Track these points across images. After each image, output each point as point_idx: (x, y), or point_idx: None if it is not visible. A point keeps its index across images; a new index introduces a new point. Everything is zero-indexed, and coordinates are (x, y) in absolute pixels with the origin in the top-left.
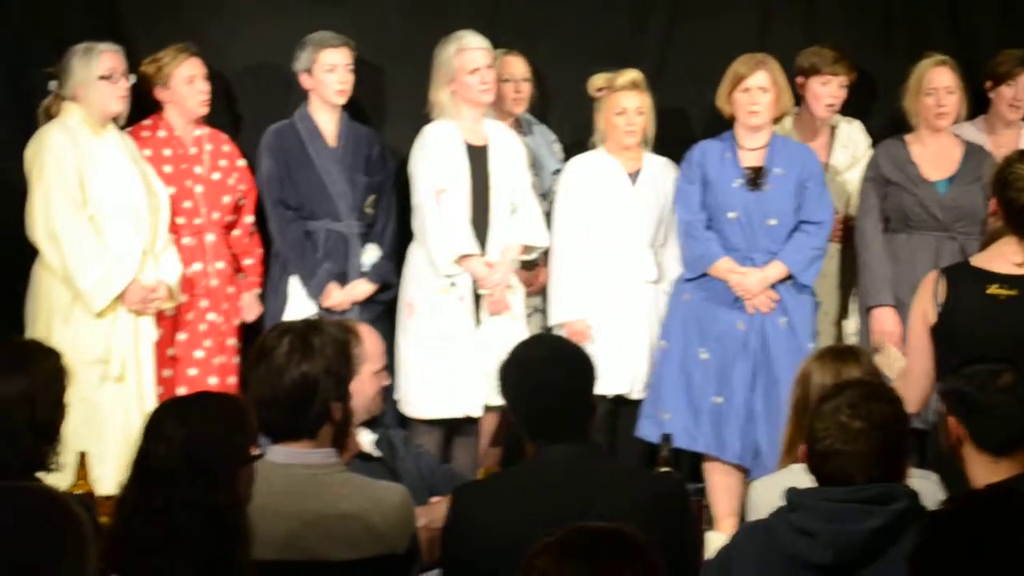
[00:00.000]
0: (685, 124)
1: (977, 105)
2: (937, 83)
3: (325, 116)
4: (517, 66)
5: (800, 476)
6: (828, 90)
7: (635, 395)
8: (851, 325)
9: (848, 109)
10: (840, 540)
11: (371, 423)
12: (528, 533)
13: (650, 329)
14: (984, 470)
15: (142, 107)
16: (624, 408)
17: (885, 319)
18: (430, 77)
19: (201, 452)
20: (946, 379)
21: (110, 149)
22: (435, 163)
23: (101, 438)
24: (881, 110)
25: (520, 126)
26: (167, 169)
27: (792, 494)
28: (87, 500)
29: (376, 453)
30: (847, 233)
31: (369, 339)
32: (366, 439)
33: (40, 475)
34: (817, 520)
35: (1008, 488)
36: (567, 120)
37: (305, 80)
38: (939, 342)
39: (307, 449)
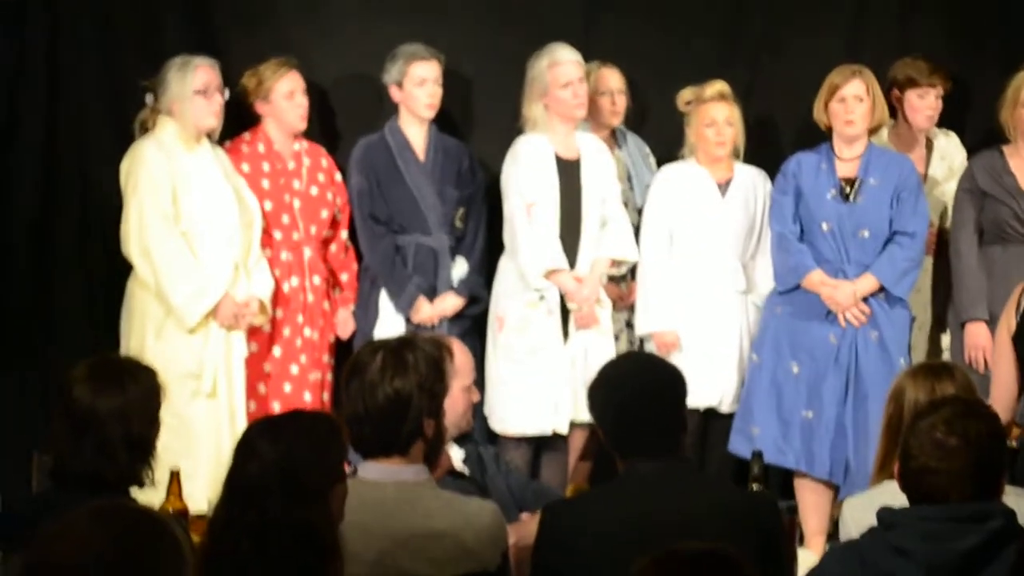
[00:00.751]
0: (777, 137)
1: None
2: None
3: (415, 129)
4: (613, 78)
5: (893, 494)
6: (926, 102)
7: (725, 408)
8: (944, 340)
9: (943, 121)
10: (936, 559)
11: (462, 439)
12: (619, 550)
13: (740, 341)
14: None
15: (241, 119)
16: (714, 421)
17: (979, 334)
18: (520, 89)
19: (294, 470)
20: None
21: (203, 164)
22: (526, 176)
23: (192, 454)
24: (976, 122)
25: (616, 139)
26: (265, 184)
27: (886, 513)
28: (180, 518)
29: (465, 470)
30: (941, 246)
31: (460, 354)
32: (456, 456)
33: (134, 490)
34: (912, 539)
35: None
36: (663, 131)
37: (395, 93)
38: (1019, 352)
39: (399, 466)
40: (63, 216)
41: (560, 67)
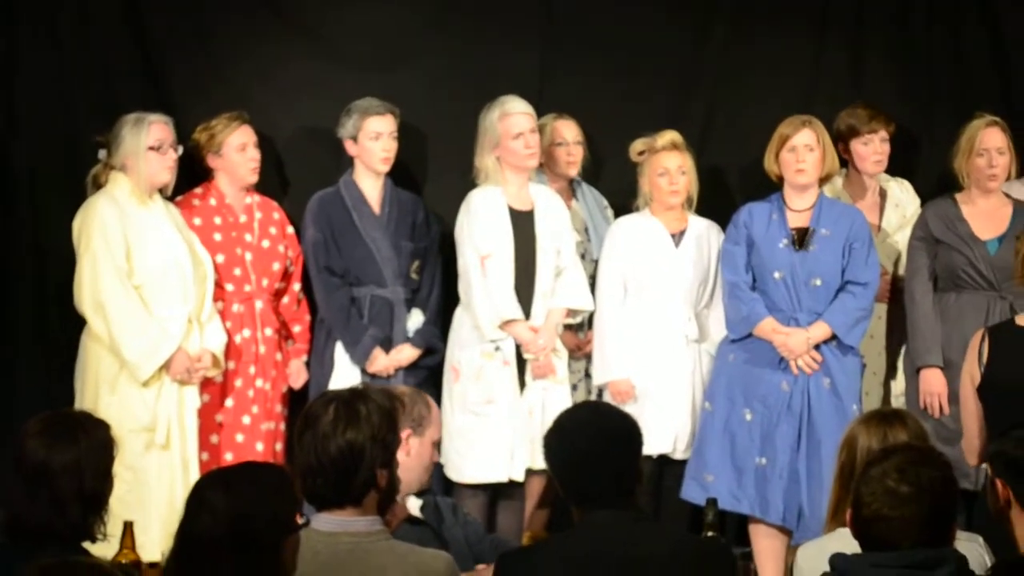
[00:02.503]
0: (729, 187)
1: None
2: (988, 144)
3: (370, 182)
4: (569, 130)
5: (846, 540)
6: (871, 148)
7: (678, 455)
8: (898, 386)
9: (894, 169)
10: None
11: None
12: None
13: (693, 389)
14: None
15: (192, 175)
16: (668, 468)
17: (933, 380)
18: (475, 143)
19: (247, 523)
20: (994, 442)
21: (156, 219)
22: (480, 228)
23: (146, 506)
24: (928, 169)
25: (572, 190)
26: (217, 237)
27: (839, 559)
28: (132, 570)
29: (422, 517)
30: (895, 293)
31: (435, 409)
32: (412, 503)
33: (87, 545)
34: None
35: None
36: (619, 182)
37: (350, 147)
38: (984, 401)
39: (352, 517)
40: (17, 272)
41: (511, 118)
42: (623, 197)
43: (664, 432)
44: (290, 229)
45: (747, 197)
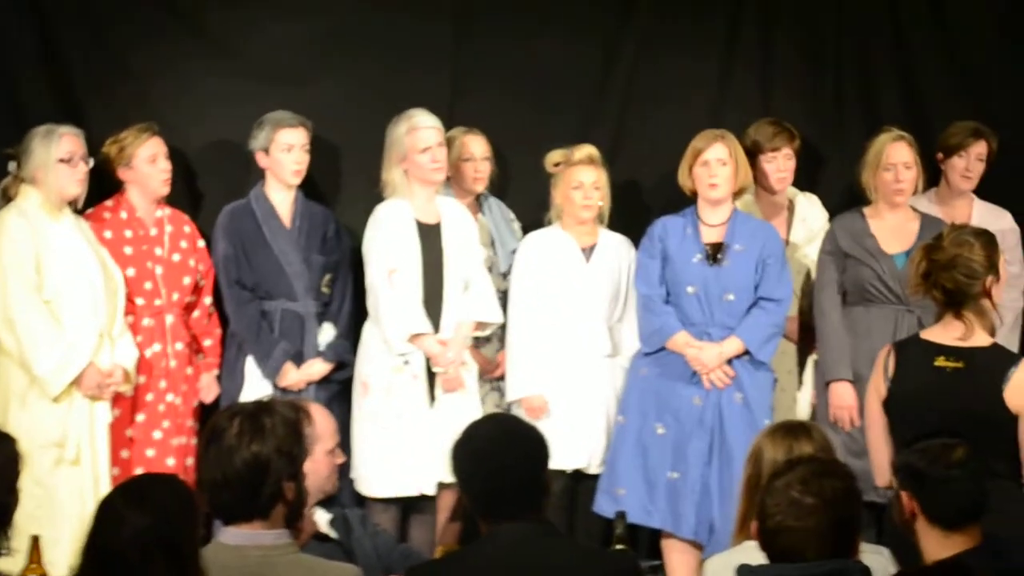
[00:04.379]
0: (641, 201)
1: (929, 177)
2: (895, 159)
3: (280, 195)
4: (477, 145)
5: (754, 552)
6: (776, 165)
7: (593, 470)
8: (804, 397)
9: (802, 183)
10: None
11: (327, 502)
12: None
13: (607, 404)
14: (937, 544)
15: (102, 188)
16: (582, 483)
17: (843, 393)
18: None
19: (170, 535)
20: (899, 454)
21: (67, 233)
22: (387, 242)
23: (55, 522)
24: (836, 182)
25: (479, 204)
26: (128, 250)
27: (744, 571)
28: None
29: (332, 533)
30: (804, 332)
31: (320, 418)
32: (322, 519)
33: None
34: None
35: (956, 564)
36: (527, 197)
37: (261, 159)
38: (891, 415)
39: (260, 530)
40: None
41: (419, 132)
42: (532, 212)
43: (578, 447)
44: (201, 242)
45: (659, 211)
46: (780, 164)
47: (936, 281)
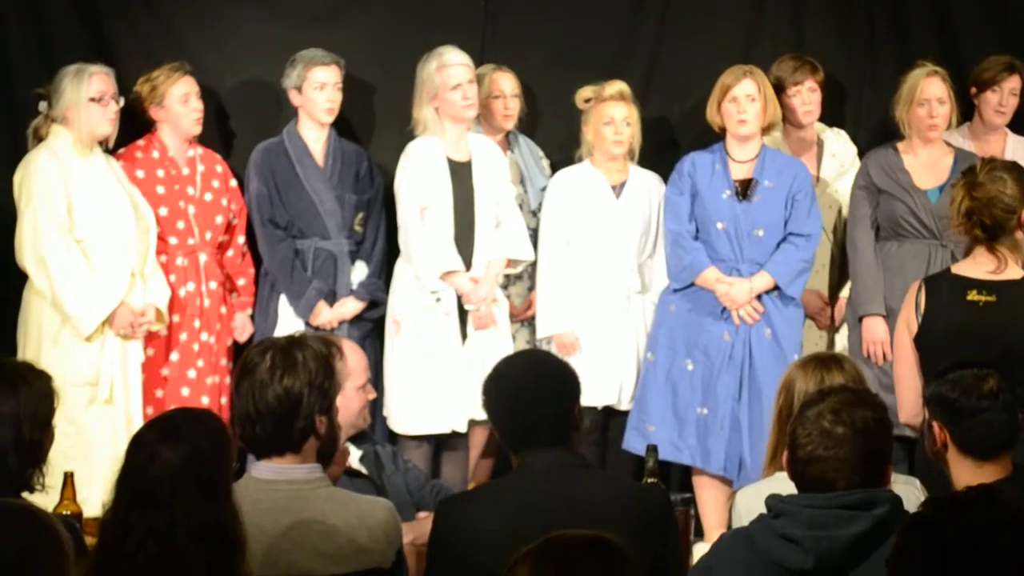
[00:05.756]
0: (672, 137)
1: (963, 111)
2: (929, 94)
3: (313, 134)
4: (507, 82)
5: (784, 483)
6: (801, 99)
7: (623, 406)
8: (839, 337)
9: (835, 118)
10: (822, 546)
11: (359, 439)
12: (512, 544)
13: (637, 340)
14: (968, 475)
15: (133, 127)
16: (613, 419)
17: (876, 328)
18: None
19: (203, 469)
20: (931, 385)
21: (98, 173)
22: (418, 180)
23: (88, 460)
24: (868, 118)
25: (509, 142)
26: (160, 190)
27: (774, 501)
28: (73, 520)
29: (363, 469)
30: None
31: (352, 354)
32: (353, 455)
33: (25, 495)
34: (799, 526)
35: (986, 489)
36: (556, 135)
37: (294, 97)
38: (922, 350)
39: (292, 464)
40: None
41: (449, 69)
42: (561, 150)
43: (609, 383)
44: (233, 182)
45: (689, 147)
46: (804, 97)
47: (978, 218)
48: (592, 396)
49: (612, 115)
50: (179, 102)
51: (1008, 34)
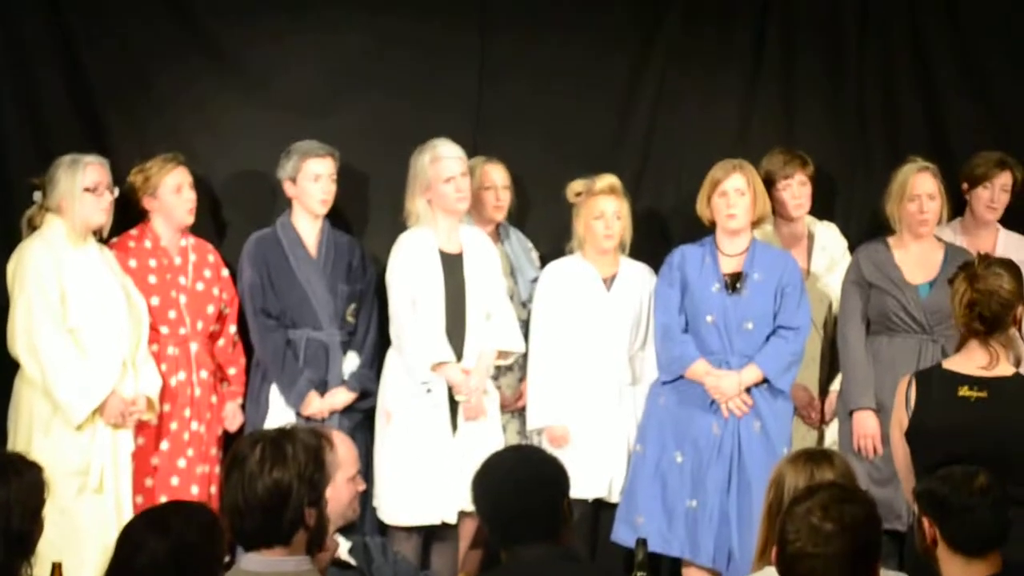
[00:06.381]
0: (663, 230)
1: (953, 206)
2: (920, 189)
3: (307, 225)
4: (498, 174)
5: None
6: (791, 192)
7: (614, 498)
8: (830, 433)
9: (826, 211)
10: None
11: (348, 530)
12: None
13: (628, 433)
14: (958, 571)
15: (127, 217)
16: (604, 512)
17: (867, 422)
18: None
19: (188, 562)
20: (921, 481)
21: (91, 262)
22: (410, 271)
23: (78, 550)
24: (859, 212)
25: (499, 233)
26: (152, 279)
27: None
28: None
29: (352, 561)
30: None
31: (342, 445)
32: (342, 546)
33: None
34: None
35: None
36: (547, 226)
37: (289, 188)
38: (913, 446)
39: (281, 557)
40: None
41: (442, 162)
42: (552, 241)
43: (599, 476)
44: (225, 272)
45: (680, 239)
46: (795, 191)
47: (979, 311)
48: (583, 488)
49: (603, 209)
50: (172, 192)
51: (999, 128)
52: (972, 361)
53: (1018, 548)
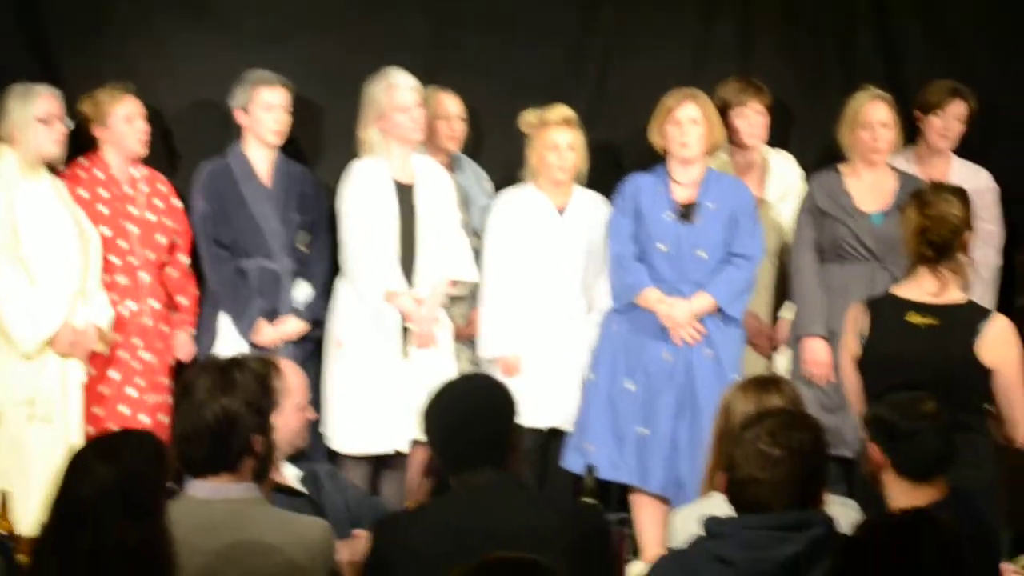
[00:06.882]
0: (618, 159)
1: (907, 135)
2: (873, 118)
3: (259, 154)
4: (451, 104)
5: (720, 505)
6: (746, 121)
7: (568, 427)
8: (781, 361)
9: (781, 141)
10: (757, 567)
11: (297, 458)
12: (448, 563)
13: (581, 362)
14: (903, 496)
15: (77, 145)
16: (557, 440)
17: (817, 350)
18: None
19: (132, 488)
20: (869, 407)
21: (43, 193)
22: (363, 200)
23: (26, 479)
24: (813, 140)
25: (452, 163)
26: (103, 209)
27: (710, 522)
28: (6, 540)
29: (302, 488)
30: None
31: (291, 373)
32: (291, 474)
33: None
34: (735, 548)
35: (918, 513)
36: (500, 156)
37: (240, 117)
38: (864, 372)
39: (228, 484)
40: None
41: (397, 91)
42: (506, 171)
43: (553, 405)
44: (176, 202)
45: (633, 168)
46: (750, 119)
47: (928, 237)
48: (536, 417)
49: (556, 141)
50: (123, 122)
51: (952, 59)
52: (922, 288)
53: (965, 474)
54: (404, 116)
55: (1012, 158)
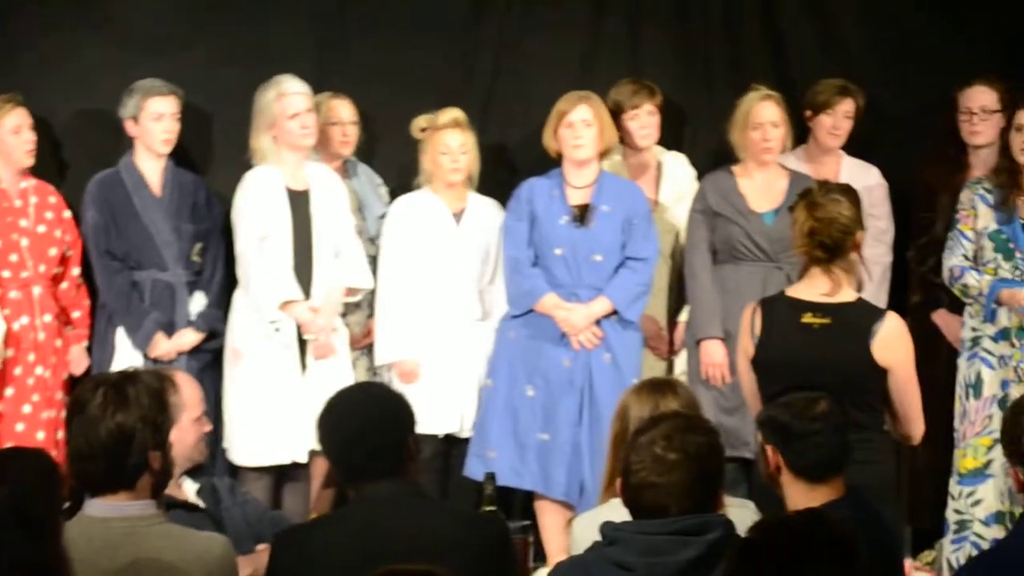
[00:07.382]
0: (510, 162)
1: (797, 134)
2: (763, 118)
3: (150, 164)
4: (344, 109)
5: (619, 510)
6: (639, 122)
7: (465, 434)
8: (679, 363)
9: (672, 142)
10: (656, 572)
11: (196, 471)
12: (347, 574)
13: (478, 368)
14: (801, 496)
15: None
16: (455, 447)
17: (714, 351)
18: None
19: (27, 508)
20: (764, 408)
21: None
22: (256, 209)
23: None
24: (705, 142)
25: (346, 169)
26: None
27: (608, 528)
28: None
29: (200, 503)
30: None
31: (186, 386)
32: (189, 489)
33: None
34: (633, 553)
35: (811, 512)
36: (394, 162)
37: (131, 127)
38: (759, 373)
39: (126, 501)
40: None
41: (287, 98)
42: (400, 176)
43: (450, 412)
44: (67, 213)
45: (527, 173)
46: (643, 120)
47: (819, 239)
48: (433, 424)
49: (448, 144)
50: (11, 133)
51: (840, 56)
52: (815, 288)
53: (860, 472)
54: (295, 123)
55: (899, 154)
